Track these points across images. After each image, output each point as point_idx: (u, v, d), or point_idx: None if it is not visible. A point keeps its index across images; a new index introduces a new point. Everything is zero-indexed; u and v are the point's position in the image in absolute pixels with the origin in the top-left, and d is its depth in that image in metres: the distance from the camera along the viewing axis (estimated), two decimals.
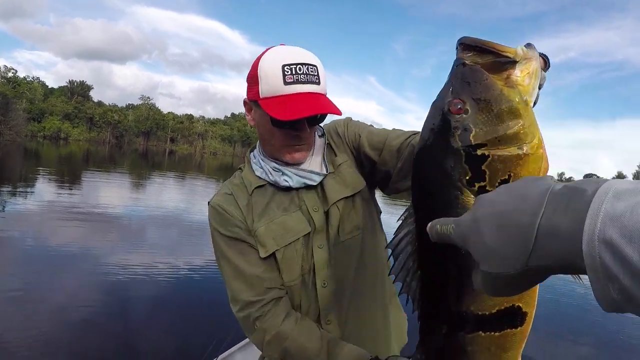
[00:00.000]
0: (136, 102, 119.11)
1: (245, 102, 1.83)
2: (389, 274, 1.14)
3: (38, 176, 22.79)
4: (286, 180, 1.75)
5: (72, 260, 9.22)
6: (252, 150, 1.90)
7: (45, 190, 18.14)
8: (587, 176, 0.79)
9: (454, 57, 0.99)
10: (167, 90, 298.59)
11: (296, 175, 1.76)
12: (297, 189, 1.78)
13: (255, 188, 1.81)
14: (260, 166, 1.83)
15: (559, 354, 7.93)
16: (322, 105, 1.62)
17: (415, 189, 1.12)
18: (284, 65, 1.61)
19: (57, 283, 7.86)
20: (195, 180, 34.05)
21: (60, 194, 17.72)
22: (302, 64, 1.63)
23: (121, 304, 7.25)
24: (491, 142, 0.95)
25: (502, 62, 0.94)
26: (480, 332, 1.05)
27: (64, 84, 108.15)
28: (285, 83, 1.60)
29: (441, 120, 1.01)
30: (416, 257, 1.10)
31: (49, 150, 50.40)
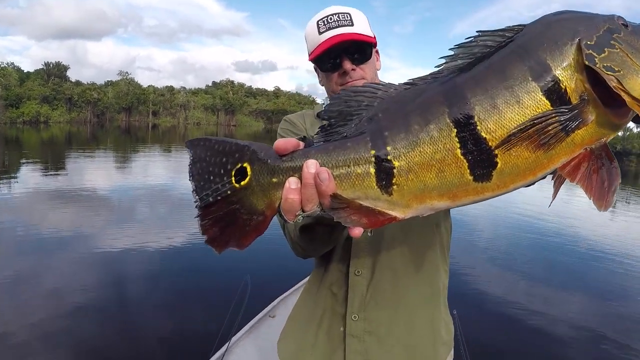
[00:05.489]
0: (115, 78, 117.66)
1: (315, 69, 2.04)
2: None
3: (21, 163, 22.59)
4: None
5: (65, 245, 9.27)
6: None
7: (29, 176, 18.06)
8: None
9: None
10: (146, 64, 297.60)
11: None
12: None
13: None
14: (327, 104, 1.89)
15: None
16: (350, 35, 1.81)
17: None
18: (317, 21, 1.87)
19: (51, 269, 7.95)
20: (181, 152, 33.85)
21: (46, 178, 17.67)
22: (332, 14, 1.85)
23: (119, 286, 7.25)
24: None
25: None
26: None
27: (39, 66, 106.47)
28: (320, 33, 1.84)
29: (594, 18, 1.17)
30: None
31: (29, 135, 49.86)
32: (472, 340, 5.27)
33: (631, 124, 1.32)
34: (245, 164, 1.27)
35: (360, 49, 1.86)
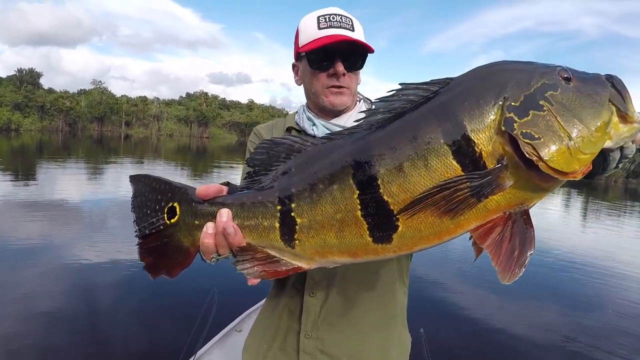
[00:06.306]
0: (88, 87, 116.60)
1: (293, 66, 2.01)
2: None
3: None
4: (312, 130, 1.87)
5: (33, 256, 9.08)
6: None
7: None
8: None
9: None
10: (120, 73, 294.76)
11: (323, 126, 1.86)
12: None
13: (293, 129, 1.97)
14: (300, 113, 1.98)
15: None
16: (351, 39, 1.75)
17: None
18: (318, 16, 1.80)
19: (19, 280, 7.72)
20: (153, 164, 33.58)
21: (16, 187, 17.31)
22: (335, 14, 1.80)
23: (87, 298, 7.16)
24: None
25: (620, 103, 1.09)
26: None
27: (12, 72, 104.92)
28: (319, 28, 1.77)
29: (531, 70, 1.13)
30: None
31: None
32: (442, 355, 5.44)
33: None
34: (175, 204, 1.45)
35: (357, 56, 1.82)
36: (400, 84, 1.23)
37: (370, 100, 2.02)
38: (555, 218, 22.67)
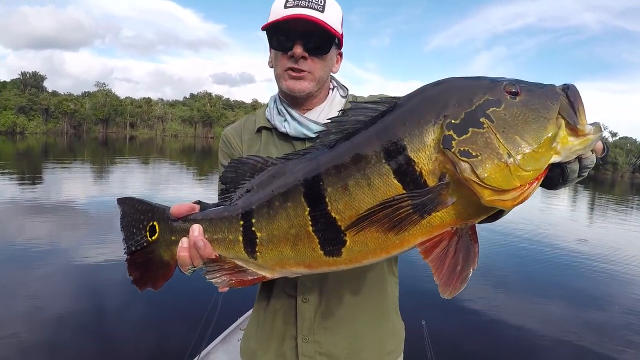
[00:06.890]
0: (92, 89, 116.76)
1: (270, 49, 1.91)
2: None
3: None
4: (284, 127, 1.84)
5: (41, 257, 9.16)
6: None
7: (5, 187, 17.77)
8: None
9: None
10: (123, 75, 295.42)
11: (296, 121, 1.82)
12: (298, 140, 1.84)
13: (264, 128, 1.95)
14: (271, 107, 1.95)
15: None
16: (313, 19, 1.66)
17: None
18: None
19: (28, 281, 7.82)
20: (159, 165, 33.66)
21: (23, 190, 17.39)
22: None
23: (94, 299, 7.27)
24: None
25: (570, 115, 1.06)
26: None
27: (16, 76, 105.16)
28: (285, 7, 1.70)
29: (480, 86, 1.14)
30: None
31: (5, 146, 49.03)
32: (443, 348, 5.45)
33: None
34: (155, 223, 1.61)
35: (319, 39, 1.72)
36: (350, 102, 1.35)
37: (346, 88, 1.99)
38: (562, 213, 22.67)
